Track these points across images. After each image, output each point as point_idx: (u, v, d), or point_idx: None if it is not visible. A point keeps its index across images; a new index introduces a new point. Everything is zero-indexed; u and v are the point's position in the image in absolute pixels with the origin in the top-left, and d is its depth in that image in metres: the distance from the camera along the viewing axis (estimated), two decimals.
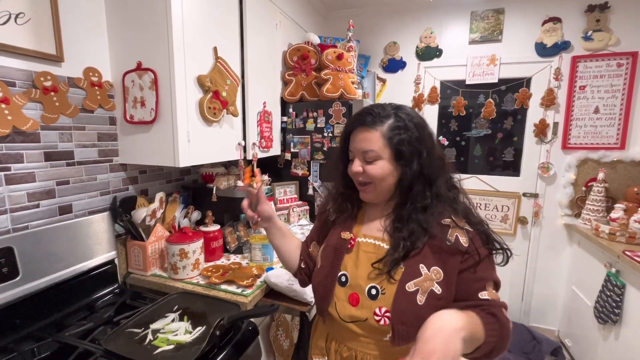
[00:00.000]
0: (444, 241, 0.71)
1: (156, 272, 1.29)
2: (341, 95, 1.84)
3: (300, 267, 0.95)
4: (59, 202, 1.09)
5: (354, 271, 0.77)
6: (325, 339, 0.84)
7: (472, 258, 0.70)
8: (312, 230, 0.98)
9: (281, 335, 1.43)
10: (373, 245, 0.79)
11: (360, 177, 0.78)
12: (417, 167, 0.74)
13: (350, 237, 0.81)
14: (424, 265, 0.72)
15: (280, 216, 1.86)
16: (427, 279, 0.70)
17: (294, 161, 1.98)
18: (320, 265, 0.84)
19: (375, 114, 0.76)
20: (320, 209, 0.98)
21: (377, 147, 0.74)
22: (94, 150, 1.19)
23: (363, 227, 0.83)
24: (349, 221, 0.85)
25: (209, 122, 1.30)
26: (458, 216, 0.74)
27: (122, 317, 0.95)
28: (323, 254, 0.85)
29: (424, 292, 0.69)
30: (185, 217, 1.50)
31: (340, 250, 0.81)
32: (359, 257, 0.78)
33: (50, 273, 0.95)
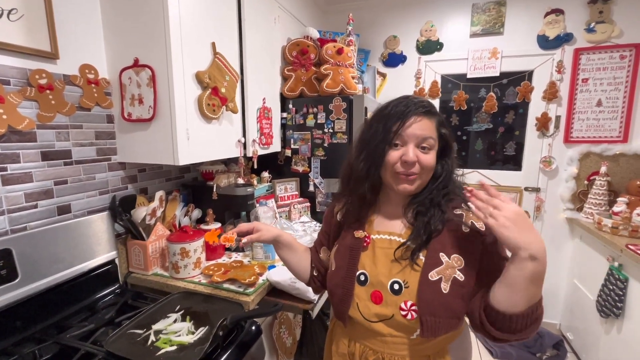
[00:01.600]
0: (460, 227, 0.73)
1: (157, 272, 1.28)
2: (341, 91, 1.82)
3: (313, 274, 0.95)
4: (57, 202, 1.07)
5: (372, 269, 0.76)
6: (347, 343, 0.82)
7: (490, 237, 0.71)
8: (320, 235, 0.97)
9: (284, 333, 1.42)
10: (388, 241, 0.78)
11: (411, 167, 0.73)
12: (450, 163, 0.77)
13: (365, 235, 0.80)
14: (443, 253, 0.72)
15: (281, 213, 1.85)
16: (449, 267, 0.70)
17: (294, 158, 1.97)
18: (336, 266, 0.82)
19: (428, 106, 0.75)
20: (327, 213, 0.97)
21: (434, 135, 0.75)
22: (92, 149, 1.18)
23: (375, 225, 0.82)
24: (361, 221, 0.84)
25: (208, 119, 1.28)
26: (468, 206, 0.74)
27: (124, 318, 0.94)
28: (337, 255, 0.83)
29: (447, 280, 0.69)
30: (185, 216, 1.49)
31: (355, 249, 0.80)
32: (376, 254, 0.77)
33: (50, 274, 0.94)
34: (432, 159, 0.74)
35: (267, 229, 0.92)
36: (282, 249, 0.94)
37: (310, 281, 0.95)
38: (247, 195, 1.50)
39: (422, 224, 0.74)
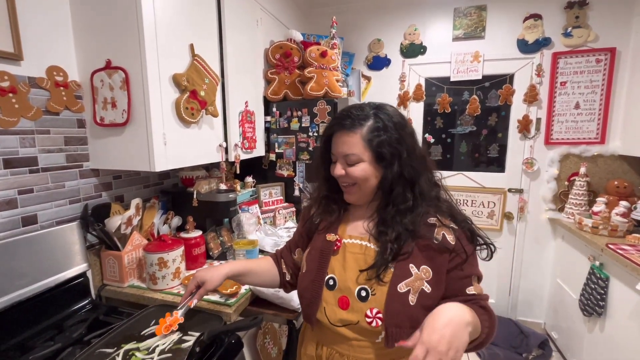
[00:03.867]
0: (432, 240, 0.72)
1: (134, 283, 1.22)
2: (326, 94, 1.80)
3: (286, 280, 0.93)
4: (21, 213, 1.00)
5: (342, 274, 0.75)
6: (315, 346, 0.81)
7: (459, 256, 0.71)
8: (295, 236, 0.96)
9: (269, 343, 1.38)
10: (359, 246, 0.77)
11: (343, 179, 0.77)
12: (397, 168, 0.73)
13: (336, 238, 0.80)
14: (413, 264, 0.71)
15: (265, 219, 1.81)
16: (418, 279, 0.70)
17: (278, 162, 1.93)
18: (306, 269, 0.81)
19: (354, 117, 0.75)
20: (303, 215, 0.95)
21: (358, 151, 0.73)
22: (61, 155, 1.11)
23: (348, 228, 0.82)
24: (334, 224, 0.83)
25: (187, 123, 1.23)
26: (443, 214, 0.74)
27: (94, 336, 0.88)
28: (308, 258, 0.83)
29: (415, 292, 0.69)
30: (165, 224, 1.43)
31: (326, 252, 0.79)
32: (346, 259, 0.77)
33: (12, 291, 0.87)
34: (361, 171, 0.73)
35: (211, 276, 0.85)
36: (240, 279, 0.91)
37: (283, 285, 0.94)
38: (229, 202, 1.45)
39: (386, 243, 0.72)
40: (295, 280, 0.91)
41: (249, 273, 0.90)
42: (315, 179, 0.89)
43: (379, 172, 0.74)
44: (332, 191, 0.84)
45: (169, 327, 0.82)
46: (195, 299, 0.86)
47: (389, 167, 0.73)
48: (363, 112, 0.75)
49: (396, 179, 0.73)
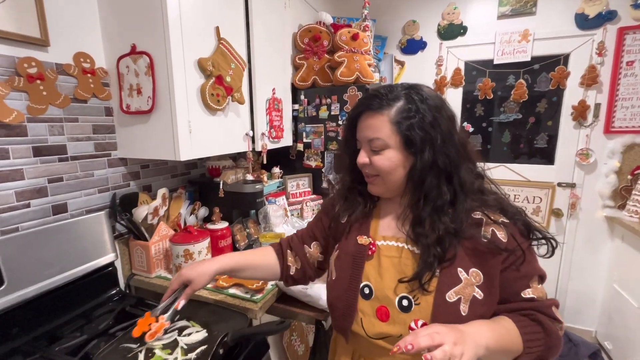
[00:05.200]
0: (479, 239, 0.61)
1: (161, 274, 1.20)
2: (357, 79, 1.69)
3: (289, 274, 0.83)
4: (52, 201, 1.00)
5: (378, 281, 0.67)
6: (350, 357, 0.73)
7: (514, 254, 0.62)
8: (313, 227, 0.86)
9: (295, 340, 1.32)
10: (395, 248, 0.68)
11: (367, 168, 0.68)
12: (429, 156, 0.62)
13: (369, 242, 0.70)
14: (462, 269, 0.61)
15: (292, 211, 1.74)
16: (468, 284, 0.60)
17: (306, 152, 1.85)
18: (336, 276, 0.73)
19: (382, 97, 0.65)
20: (326, 205, 0.86)
21: (384, 135, 0.64)
22: (90, 143, 1.10)
23: (380, 227, 0.72)
24: (364, 222, 0.74)
25: (212, 110, 1.18)
26: (490, 209, 0.64)
27: (119, 329, 0.86)
28: (338, 263, 0.74)
29: (467, 301, 0.60)
30: (191, 214, 1.41)
31: (359, 258, 0.70)
32: (382, 264, 0.67)
33: (41, 280, 0.87)
34: (386, 160, 0.65)
35: (198, 274, 0.75)
36: (233, 274, 0.82)
37: (285, 281, 0.86)
38: (255, 193, 1.40)
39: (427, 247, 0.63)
40: (300, 275, 0.84)
41: (243, 269, 0.80)
42: (339, 169, 0.80)
43: (408, 160, 0.64)
44: (357, 182, 0.75)
45: (154, 334, 0.72)
46: (182, 300, 0.74)
47: (418, 154, 0.62)
48: (393, 92, 0.65)
49: (427, 169, 0.62)
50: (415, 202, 0.65)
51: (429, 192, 0.63)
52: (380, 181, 0.68)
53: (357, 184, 0.75)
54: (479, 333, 0.55)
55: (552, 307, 0.63)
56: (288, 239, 0.89)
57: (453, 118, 0.66)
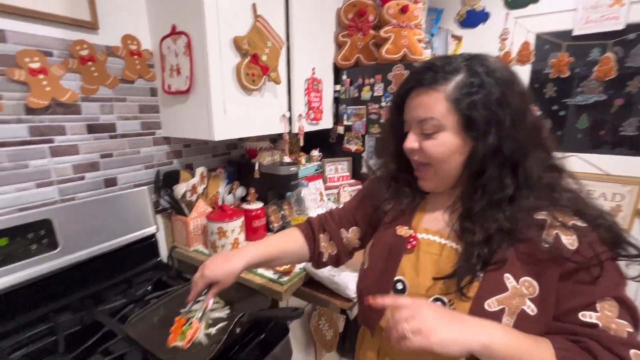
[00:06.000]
0: (539, 244, 0.50)
1: (198, 249, 1.27)
2: (404, 57, 1.55)
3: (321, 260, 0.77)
4: (103, 175, 1.09)
5: (413, 278, 0.60)
6: (376, 354, 0.69)
7: (584, 265, 0.48)
8: (353, 211, 0.79)
9: (324, 325, 1.32)
10: (438, 245, 0.60)
11: (416, 155, 0.59)
12: (494, 140, 0.51)
13: (410, 234, 0.63)
14: (510, 275, 0.51)
15: (329, 195, 1.71)
16: (517, 295, 0.50)
17: (347, 135, 1.79)
18: (369, 266, 0.67)
19: (437, 69, 0.55)
20: (368, 189, 0.78)
21: (439, 114, 0.54)
22: (137, 122, 1.17)
23: (425, 220, 0.65)
24: (407, 213, 0.66)
25: (248, 90, 1.17)
26: (560, 210, 0.51)
27: (154, 297, 0.92)
28: (373, 253, 0.68)
29: (512, 314, 0.50)
30: (229, 193, 1.45)
31: (396, 250, 0.64)
32: (420, 260, 0.61)
33: (90, 246, 0.96)
34: (439, 145, 0.56)
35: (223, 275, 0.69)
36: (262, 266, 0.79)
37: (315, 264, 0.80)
38: (290, 175, 1.39)
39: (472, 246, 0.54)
40: (333, 260, 0.78)
41: (269, 260, 0.75)
42: (383, 154, 0.72)
43: (467, 145, 0.55)
44: (403, 171, 0.67)
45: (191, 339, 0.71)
46: (210, 300, 0.72)
47: (481, 138, 0.52)
48: (451, 63, 0.55)
49: (490, 156, 0.52)
50: (469, 195, 0.57)
51: (488, 184, 0.54)
52: (432, 173, 0.59)
53: (403, 173, 0.67)
54: (483, 326, 0.48)
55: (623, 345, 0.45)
56: (320, 219, 0.80)
57: (526, 95, 0.55)
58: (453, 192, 0.61)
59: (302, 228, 0.79)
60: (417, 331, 0.46)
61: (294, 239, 0.78)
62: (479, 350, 0.46)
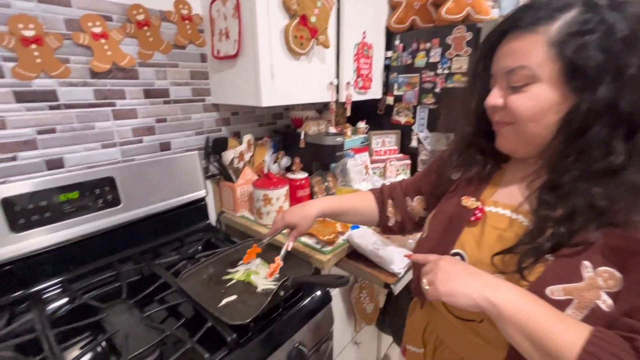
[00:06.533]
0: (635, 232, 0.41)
1: (244, 215, 1.30)
2: (467, 17, 1.39)
3: (387, 225, 0.80)
4: (159, 139, 1.14)
5: (474, 252, 0.55)
6: (423, 327, 0.67)
7: None
8: (420, 180, 0.77)
9: (365, 298, 1.30)
10: (507, 220, 0.53)
11: (497, 114, 0.51)
12: (607, 93, 0.41)
13: (476, 205, 0.57)
14: (589, 263, 0.43)
15: (375, 169, 1.65)
16: (591, 287, 0.42)
17: (396, 106, 1.68)
18: (427, 235, 0.63)
19: (540, 5, 0.45)
20: (437, 159, 0.73)
21: (534, 62, 0.45)
22: (188, 89, 1.19)
23: (497, 192, 0.57)
24: (477, 183, 0.60)
25: (296, 54, 1.13)
26: None
27: (203, 256, 0.97)
28: (433, 222, 0.64)
29: (582, 307, 0.42)
30: (275, 163, 1.46)
31: (458, 221, 0.58)
32: (485, 235, 0.54)
33: (148, 205, 1.02)
34: (528, 100, 0.46)
35: (300, 219, 0.79)
36: (335, 217, 0.83)
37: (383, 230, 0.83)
38: (335, 146, 1.35)
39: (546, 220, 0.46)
40: (399, 227, 0.79)
41: (343, 213, 0.81)
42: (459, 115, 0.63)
43: (566, 101, 0.45)
44: (480, 135, 0.59)
45: (273, 273, 0.81)
46: (290, 242, 0.83)
47: (589, 90, 0.42)
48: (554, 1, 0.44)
49: (598, 114, 0.42)
50: (559, 162, 0.47)
51: (588, 148, 0.43)
52: (513, 132, 0.50)
53: (479, 138, 0.59)
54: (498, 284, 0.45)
55: None
56: (390, 187, 0.83)
57: None
58: (537, 160, 0.52)
59: (375, 191, 0.84)
60: (430, 282, 0.48)
61: (366, 199, 0.82)
62: (486, 308, 0.43)
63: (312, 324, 0.79)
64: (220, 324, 0.67)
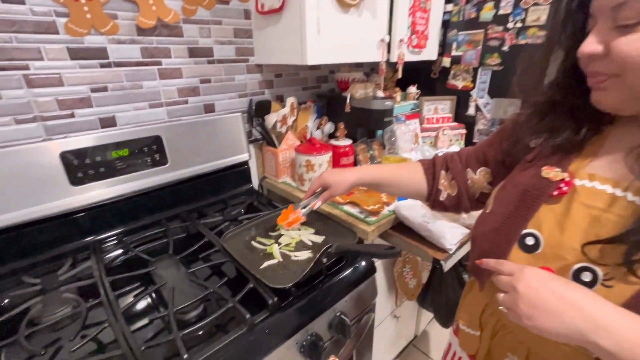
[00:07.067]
0: None
1: (286, 181, 1.28)
2: None
3: (438, 199, 0.70)
4: (203, 100, 1.13)
5: (553, 234, 0.45)
6: (482, 308, 0.59)
7: None
8: (484, 149, 0.65)
9: (407, 272, 1.25)
10: (607, 197, 0.42)
11: (596, 64, 0.40)
12: None
13: (562, 177, 0.46)
14: None
15: (425, 138, 1.52)
16: None
17: (453, 68, 1.51)
18: (492, 210, 0.54)
19: None
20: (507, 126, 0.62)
21: None
22: (231, 48, 1.15)
23: (593, 162, 0.46)
24: (564, 151, 0.48)
25: (345, 6, 1.02)
26: None
27: (246, 218, 0.96)
28: (500, 195, 0.54)
29: None
30: (318, 128, 1.39)
31: (535, 195, 0.48)
32: (571, 213, 0.44)
33: (193, 165, 1.03)
34: None
35: (337, 181, 0.74)
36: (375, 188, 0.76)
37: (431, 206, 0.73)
38: (384, 110, 1.24)
39: None
40: (453, 203, 0.68)
41: (384, 184, 0.73)
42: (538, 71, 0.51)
43: None
44: (570, 92, 0.47)
45: (292, 223, 0.79)
46: (319, 202, 0.77)
47: None
48: None
49: None
50: None
51: None
52: (619, 85, 0.39)
53: (569, 95, 0.48)
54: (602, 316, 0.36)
55: None
56: (445, 157, 0.72)
57: None
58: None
59: (424, 162, 0.74)
60: (510, 306, 0.41)
61: (412, 170, 0.74)
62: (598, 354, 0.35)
63: (355, 294, 0.75)
64: (261, 285, 0.66)
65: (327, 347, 0.71)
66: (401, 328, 1.45)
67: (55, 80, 0.85)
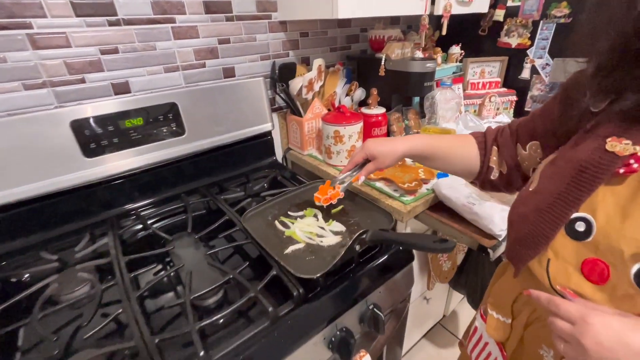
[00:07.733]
0: None
1: (312, 153, 1.18)
2: None
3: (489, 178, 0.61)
4: (222, 64, 1.03)
5: (612, 222, 0.38)
6: (514, 295, 0.53)
7: None
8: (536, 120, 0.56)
9: (442, 255, 1.15)
10: None
11: None
12: None
13: (632, 152, 0.36)
14: None
15: (468, 106, 1.35)
16: None
17: (507, 23, 1.29)
18: (536, 188, 0.46)
19: None
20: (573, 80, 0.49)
21: None
22: (252, 2, 1.02)
23: None
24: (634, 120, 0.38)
25: None
26: None
27: (269, 194, 0.89)
28: (548, 171, 0.46)
29: None
30: (347, 95, 1.26)
31: (593, 172, 0.39)
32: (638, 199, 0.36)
33: (212, 135, 0.95)
34: None
35: (385, 152, 0.65)
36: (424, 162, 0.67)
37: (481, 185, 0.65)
38: (425, 74, 1.08)
39: None
40: (504, 182, 0.60)
41: (434, 158, 0.64)
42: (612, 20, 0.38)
43: None
44: None
45: (329, 199, 0.72)
46: (362, 175, 0.69)
47: None
48: None
49: None
50: None
51: None
52: None
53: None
54: None
55: None
56: (496, 130, 0.64)
57: None
58: None
59: (476, 135, 0.64)
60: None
61: (467, 144, 0.64)
62: None
63: (390, 284, 0.67)
64: (285, 273, 0.59)
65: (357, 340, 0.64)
66: (430, 309, 1.38)
67: (62, 40, 0.78)
